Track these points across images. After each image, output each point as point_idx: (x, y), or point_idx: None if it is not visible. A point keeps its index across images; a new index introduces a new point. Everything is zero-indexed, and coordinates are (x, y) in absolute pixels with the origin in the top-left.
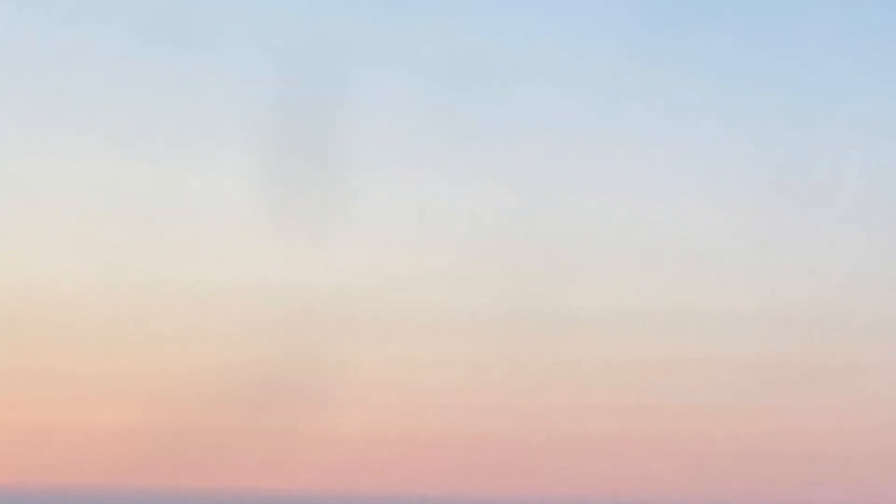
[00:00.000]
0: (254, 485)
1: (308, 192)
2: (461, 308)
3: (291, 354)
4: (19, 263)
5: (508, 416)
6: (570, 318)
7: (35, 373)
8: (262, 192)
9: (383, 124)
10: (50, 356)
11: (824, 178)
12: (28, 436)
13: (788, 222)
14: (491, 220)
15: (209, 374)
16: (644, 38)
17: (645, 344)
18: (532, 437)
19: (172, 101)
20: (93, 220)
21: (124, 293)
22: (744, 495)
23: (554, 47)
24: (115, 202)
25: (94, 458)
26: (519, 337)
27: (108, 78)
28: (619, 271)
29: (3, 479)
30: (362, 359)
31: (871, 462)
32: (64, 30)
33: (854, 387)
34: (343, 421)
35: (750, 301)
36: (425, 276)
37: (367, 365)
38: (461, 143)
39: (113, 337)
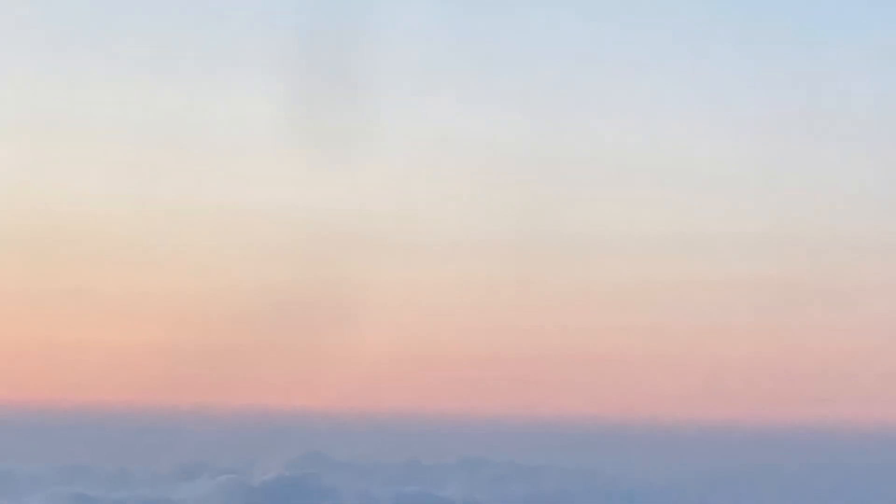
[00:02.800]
0: (276, 402)
1: (331, 118)
2: (479, 231)
3: (313, 275)
4: (49, 187)
5: (524, 335)
6: (584, 241)
7: (64, 293)
8: (286, 118)
9: (404, 52)
10: (78, 277)
11: (832, 102)
12: (56, 354)
13: (797, 146)
14: (507, 145)
15: (233, 294)
16: None
17: (656, 265)
18: (546, 357)
19: (198, 28)
20: (121, 145)
21: (151, 216)
22: (753, 412)
23: None
24: (143, 127)
25: (121, 376)
26: (534, 259)
27: (135, 4)
28: (632, 195)
29: (33, 397)
30: (382, 280)
31: (878, 379)
32: None
33: (861, 306)
34: (363, 340)
35: (759, 223)
36: (444, 199)
37: (387, 286)
38: (479, 70)
39: (140, 258)
